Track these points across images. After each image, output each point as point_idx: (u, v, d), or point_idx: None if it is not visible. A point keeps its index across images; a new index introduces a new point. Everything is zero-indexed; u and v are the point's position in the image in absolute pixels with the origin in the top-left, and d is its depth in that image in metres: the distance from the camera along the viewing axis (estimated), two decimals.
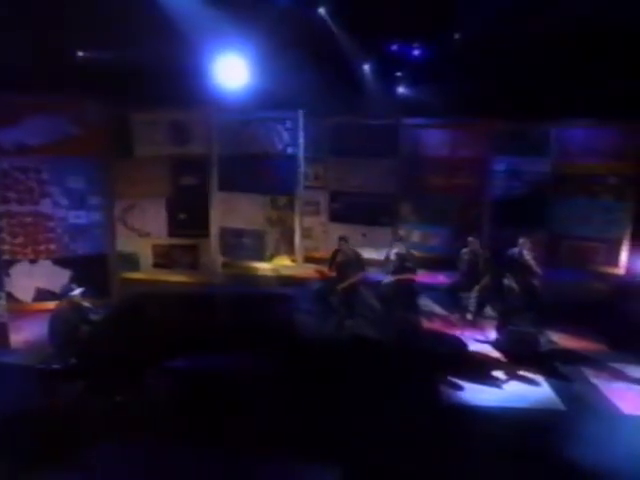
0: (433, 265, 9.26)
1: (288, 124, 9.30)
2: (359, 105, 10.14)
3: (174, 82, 7.98)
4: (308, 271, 9.49)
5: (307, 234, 10.19)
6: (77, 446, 4.34)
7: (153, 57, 7.95)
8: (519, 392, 5.49)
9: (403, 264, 6.81)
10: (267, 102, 9.07)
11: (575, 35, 8.48)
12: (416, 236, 10.33)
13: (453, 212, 10.16)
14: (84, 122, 7.34)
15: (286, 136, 9.34)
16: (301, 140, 9.32)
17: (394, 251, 7.07)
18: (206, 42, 8.21)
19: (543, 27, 8.47)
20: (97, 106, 7.40)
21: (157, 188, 8.72)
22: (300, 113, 9.25)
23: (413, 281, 6.88)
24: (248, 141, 9.35)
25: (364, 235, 9.92)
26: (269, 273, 9.63)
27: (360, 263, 6.77)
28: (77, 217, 7.49)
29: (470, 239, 7.54)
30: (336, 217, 10.45)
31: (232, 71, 8.43)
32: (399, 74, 10.43)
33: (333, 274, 6.92)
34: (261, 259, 9.87)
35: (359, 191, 10.32)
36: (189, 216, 8.79)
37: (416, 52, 10.24)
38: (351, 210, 10.32)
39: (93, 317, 5.33)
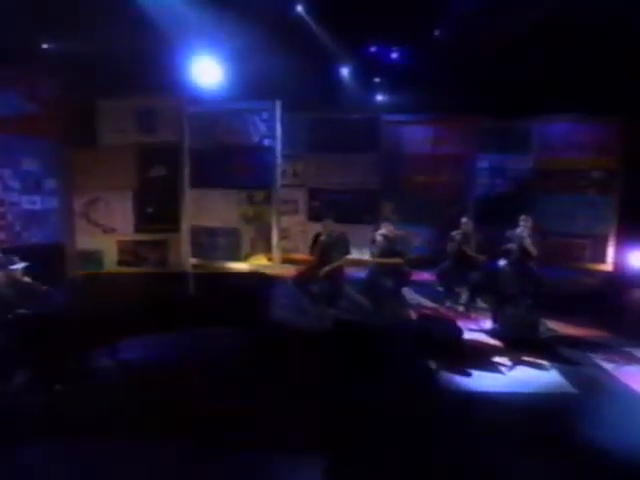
0: (417, 264, 8.80)
1: (265, 115, 8.82)
2: (339, 99, 9.84)
3: (144, 68, 7.54)
4: (287, 270, 8.88)
5: (284, 235, 9.62)
6: (9, 444, 3.59)
7: (123, 43, 7.51)
8: (526, 377, 5.03)
9: (391, 247, 6.26)
10: (242, 93, 8.70)
11: (556, 31, 8.44)
12: None
13: (436, 210, 9.80)
14: (40, 99, 6.69)
15: (263, 128, 8.83)
16: (279, 132, 8.83)
17: (380, 232, 6.48)
18: (180, 32, 7.88)
19: (524, 23, 8.42)
20: (55, 82, 6.79)
21: (123, 180, 8.01)
22: (277, 104, 8.80)
23: (401, 266, 6.34)
24: (222, 133, 8.83)
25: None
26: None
27: (345, 246, 6.16)
28: (31, 202, 6.74)
29: (464, 220, 7.12)
30: (315, 216, 9.93)
31: (206, 62, 8.10)
32: (380, 69, 10.21)
33: (314, 259, 6.32)
34: (236, 259, 9.22)
35: (339, 189, 9.88)
36: (158, 209, 8.06)
37: (397, 48, 10.07)
38: (331, 208, 9.82)
39: (33, 295, 4.57)
